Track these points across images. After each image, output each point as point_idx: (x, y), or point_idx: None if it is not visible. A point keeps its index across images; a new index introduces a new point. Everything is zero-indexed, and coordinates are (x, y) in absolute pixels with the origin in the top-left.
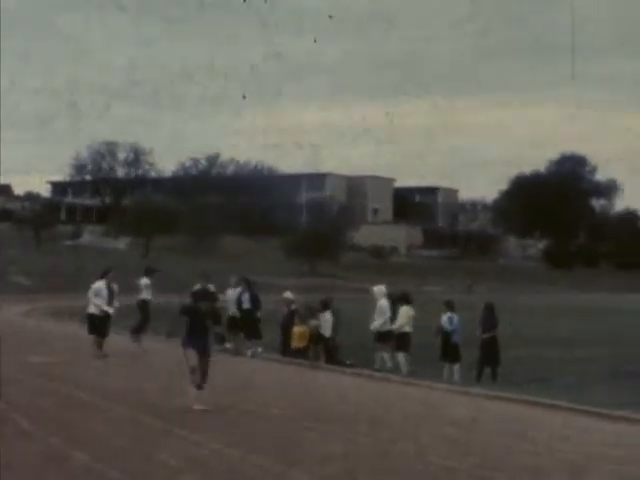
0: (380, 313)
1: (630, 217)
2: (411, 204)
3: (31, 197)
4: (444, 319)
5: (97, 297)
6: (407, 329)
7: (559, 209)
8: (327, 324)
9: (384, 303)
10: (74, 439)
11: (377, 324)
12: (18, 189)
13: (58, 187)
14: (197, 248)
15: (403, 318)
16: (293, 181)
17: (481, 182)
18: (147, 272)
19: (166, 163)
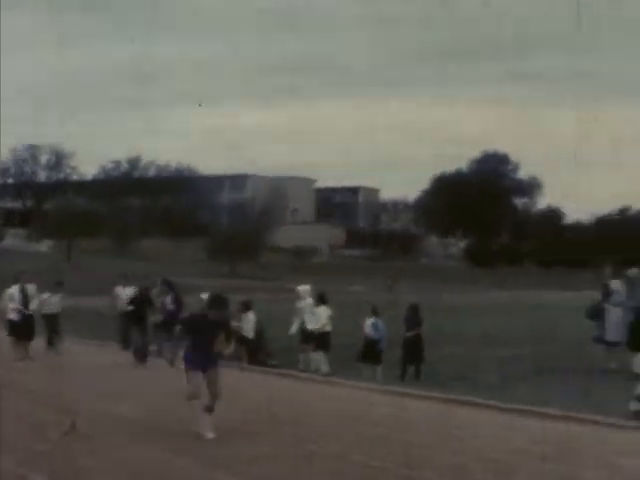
0: (306, 313)
1: (552, 215)
2: (333, 204)
3: None
4: (368, 324)
5: (12, 302)
6: (327, 329)
7: (481, 208)
8: (249, 325)
9: (310, 302)
10: None
11: (307, 324)
12: None
13: None
14: (119, 250)
15: (323, 318)
16: (215, 182)
17: (402, 181)
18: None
19: (87, 166)
